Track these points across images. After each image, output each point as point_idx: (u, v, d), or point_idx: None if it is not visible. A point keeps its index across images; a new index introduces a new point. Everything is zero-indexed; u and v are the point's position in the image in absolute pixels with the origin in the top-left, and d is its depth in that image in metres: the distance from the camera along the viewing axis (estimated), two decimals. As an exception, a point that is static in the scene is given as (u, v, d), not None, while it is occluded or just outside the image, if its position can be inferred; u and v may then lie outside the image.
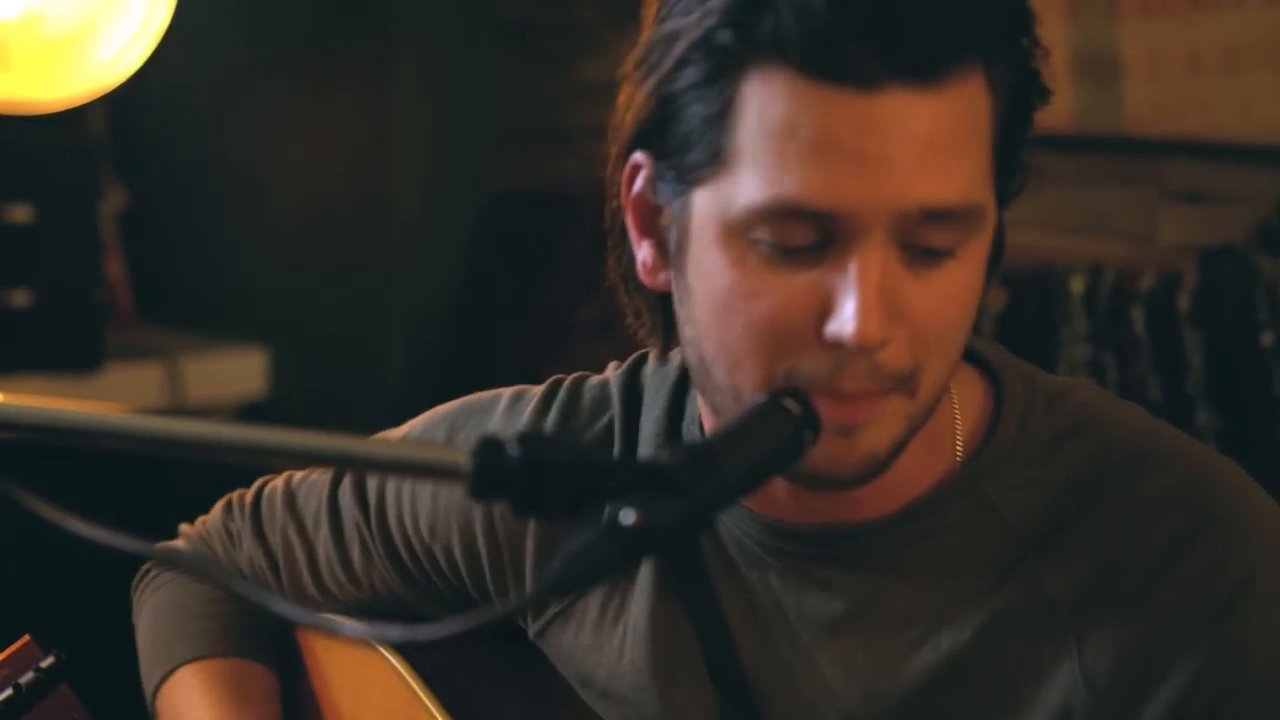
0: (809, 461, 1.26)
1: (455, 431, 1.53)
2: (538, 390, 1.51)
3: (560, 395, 1.50)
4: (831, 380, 1.25)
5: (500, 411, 1.52)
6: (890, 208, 1.23)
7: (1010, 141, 1.28)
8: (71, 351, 3.15)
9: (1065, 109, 2.84)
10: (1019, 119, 1.28)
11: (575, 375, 1.51)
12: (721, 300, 1.27)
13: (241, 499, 1.66)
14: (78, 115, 3.00)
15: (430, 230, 3.44)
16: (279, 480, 1.64)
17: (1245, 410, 2.61)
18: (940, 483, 1.36)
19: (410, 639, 1.09)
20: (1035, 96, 1.29)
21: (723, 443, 1.20)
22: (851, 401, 1.26)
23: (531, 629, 1.50)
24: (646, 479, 1.12)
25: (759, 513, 1.38)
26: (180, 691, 1.61)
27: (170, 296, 3.49)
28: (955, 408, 1.37)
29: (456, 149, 3.42)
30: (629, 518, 1.09)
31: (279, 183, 3.46)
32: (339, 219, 3.43)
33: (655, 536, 1.10)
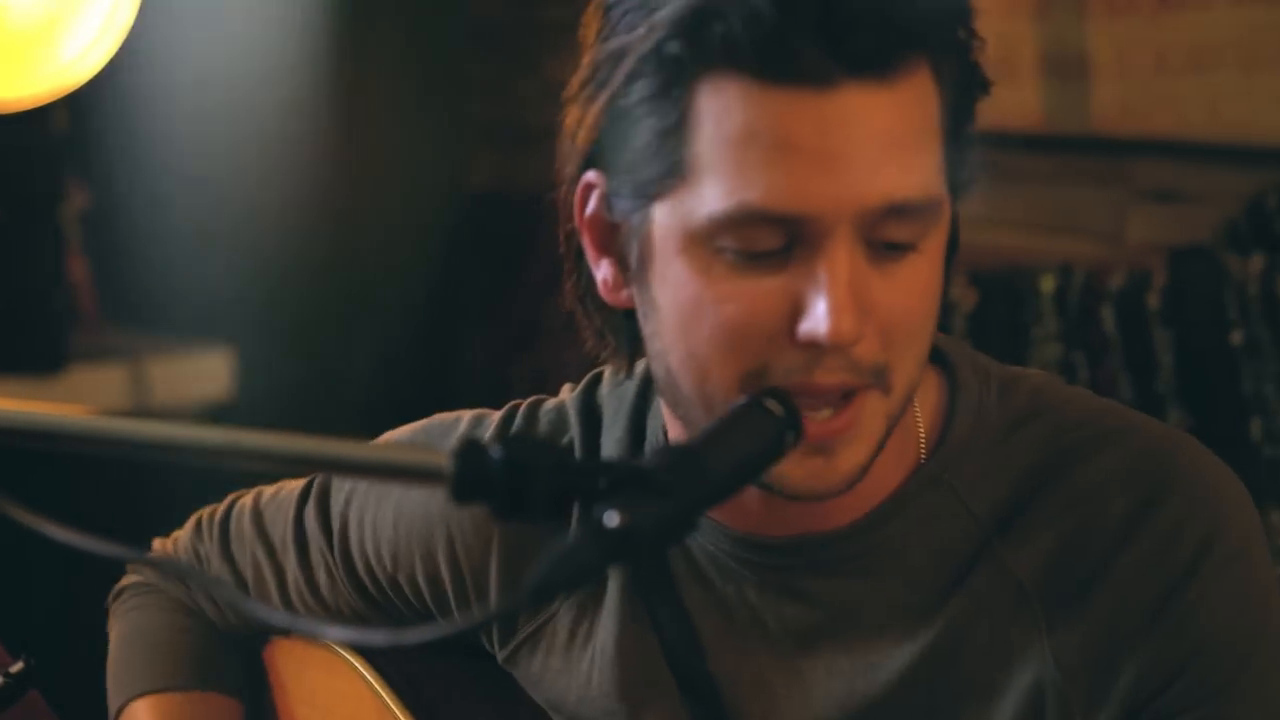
0: (793, 480, 1.27)
1: None
2: (496, 415, 1.51)
3: (518, 419, 1.50)
4: (806, 374, 1.26)
5: (461, 433, 1.51)
6: (854, 206, 1.24)
7: (958, 133, 1.29)
8: (34, 353, 3.13)
9: (1034, 109, 2.84)
10: (964, 111, 1.29)
11: (531, 399, 1.51)
12: (688, 310, 1.27)
13: (212, 517, 1.65)
14: (40, 115, 2.98)
15: (399, 230, 3.42)
16: (248, 498, 1.63)
17: (1215, 409, 2.61)
18: (906, 481, 1.36)
19: (396, 643, 1.08)
20: (977, 88, 1.30)
21: (705, 444, 1.19)
22: (830, 418, 1.27)
23: (501, 654, 1.49)
24: (629, 481, 1.11)
25: (730, 526, 1.38)
26: None
27: (134, 297, 3.46)
28: (915, 405, 1.37)
29: (426, 148, 3.41)
30: (613, 520, 1.08)
31: (245, 181, 3.44)
32: (307, 218, 3.41)
33: (640, 538, 1.09)
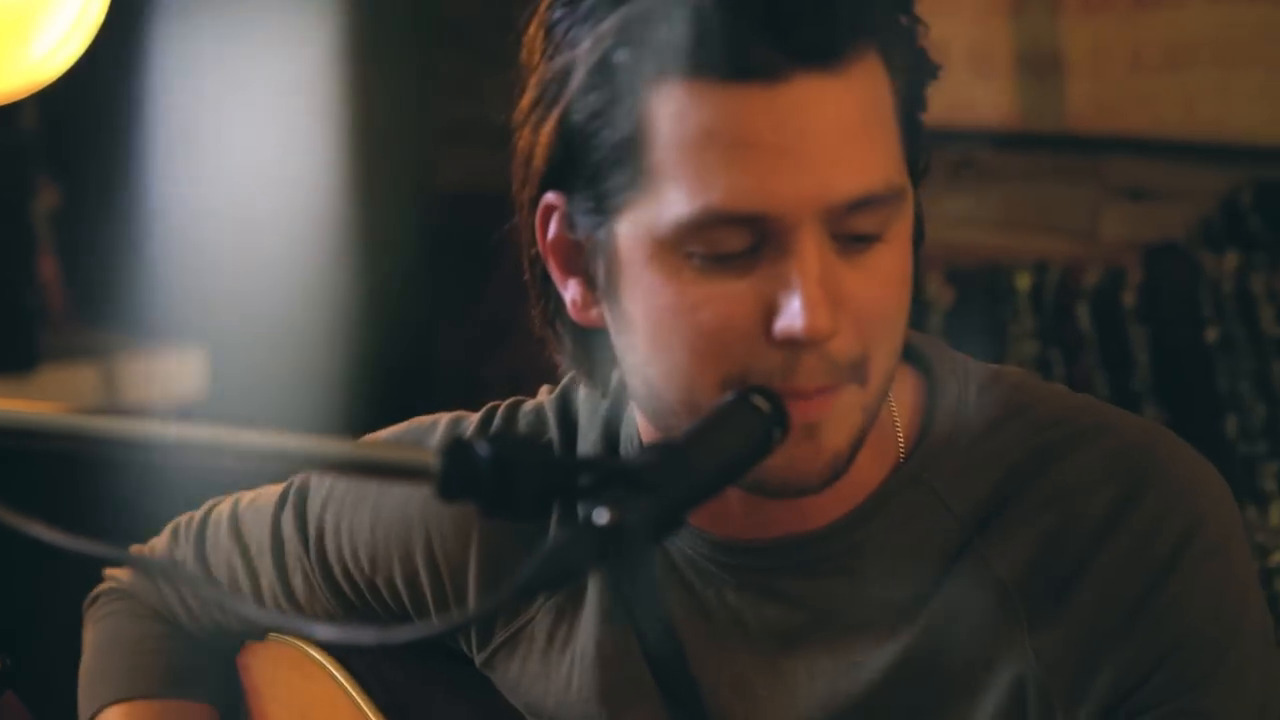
0: (775, 470, 1.27)
1: None
2: (474, 417, 1.51)
3: (496, 421, 1.49)
4: (786, 379, 1.25)
5: (438, 437, 1.51)
6: (818, 201, 1.24)
7: (912, 120, 1.29)
8: (4, 353, 3.11)
9: (1009, 107, 2.85)
10: (916, 97, 1.30)
11: (509, 401, 1.51)
12: (662, 320, 1.27)
13: (189, 524, 1.64)
14: (10, 112, 2.97)
15: (371, 229, 3.42)
16: (225, 505, 1.62)
17: (1190, 406, 2.62)
18: (886, 480, 1.36)
19: (384, 642, 1.07)
20: (926, 74, 1.30)
21: (692, 441, 1.19)
22: (809, 398, 1.26)
23: (478, 657, 1.49)
24: (617, 478, 1.11)
25: (709, 531, 1.38)
26: None
27: (105, 296, 3.45)
28: (892, 404, 1.37)
29: (397, 148, 3.40)
30: (602, 517, 1.08)
31: (216, 181, 3.43)
32: (278, 218, 3.40)
33: (629, 535, 1.09)
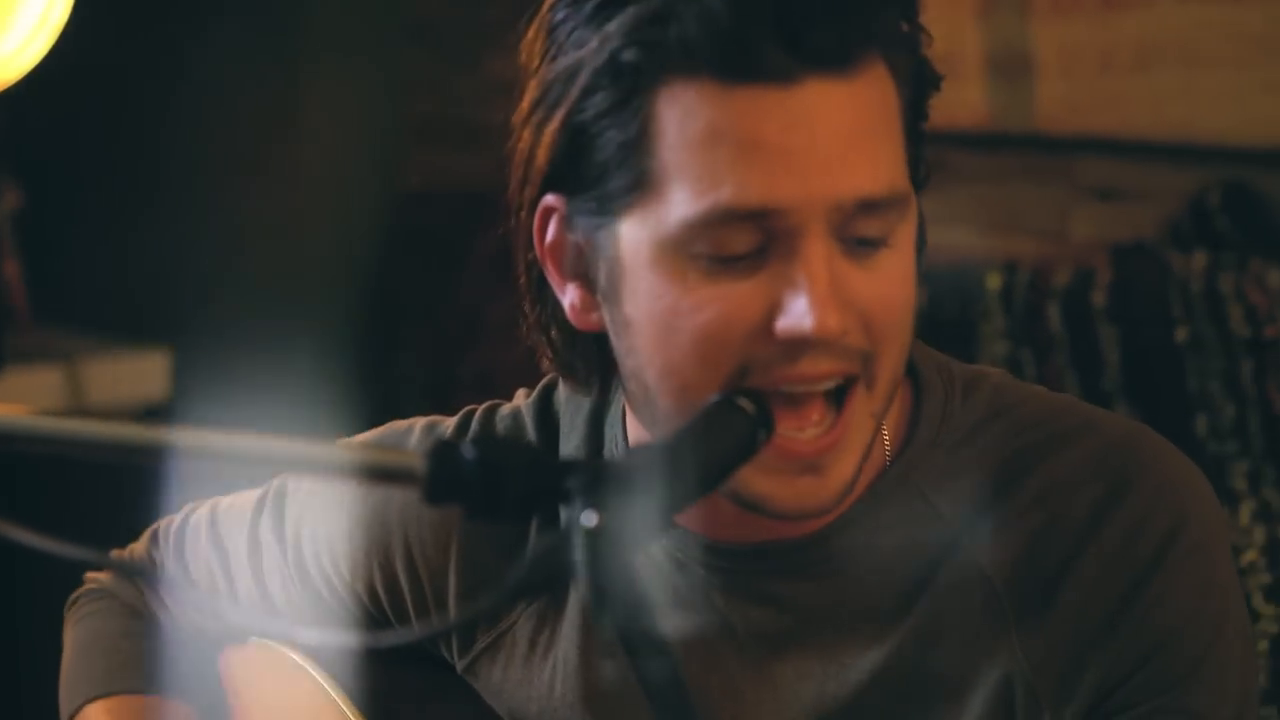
0: (782, 500, 1.28)
1: None
2: (451, 421, 1.50)
3: (473, 425, 1.48)
4: (789, 365, 1.25)
5: (414, 441, 1.50)
6: (825, 201, 1.24)
7: (916, 129, 1.30)
8: (-34, 355, 3.09)
9: (978, 107, 2.85)
10: (919, 107, 1.31)
11: (486, 405, 1.50)
12: (664, 321, 1.27)
13: (168, 529, 1.63)
14: (-29, 113, 2.95)
15: (338, 229, 3.41)
16: (204, 509, 1.61)
17: (1160, 405, 2.62)
18: (873, 483, 1.36)
19: (365, 646, 1.07)
20: (929, 84, 1.31)
21: (679, 443, 1.20)
22: (818, 424, 1.27)
23: (460, 663, 1.48)
24: (604, 480, 1.11)
25: (697, 533, 1.38)
26: None
27: (68, 297, 3.43)
28: None
29: (364, 147, 3.40)
30: (590, 519, 1.08)
31: (180, 181, 3.42)
32: (244, 217, 3.39)
33: (616, 537, 1.08)
